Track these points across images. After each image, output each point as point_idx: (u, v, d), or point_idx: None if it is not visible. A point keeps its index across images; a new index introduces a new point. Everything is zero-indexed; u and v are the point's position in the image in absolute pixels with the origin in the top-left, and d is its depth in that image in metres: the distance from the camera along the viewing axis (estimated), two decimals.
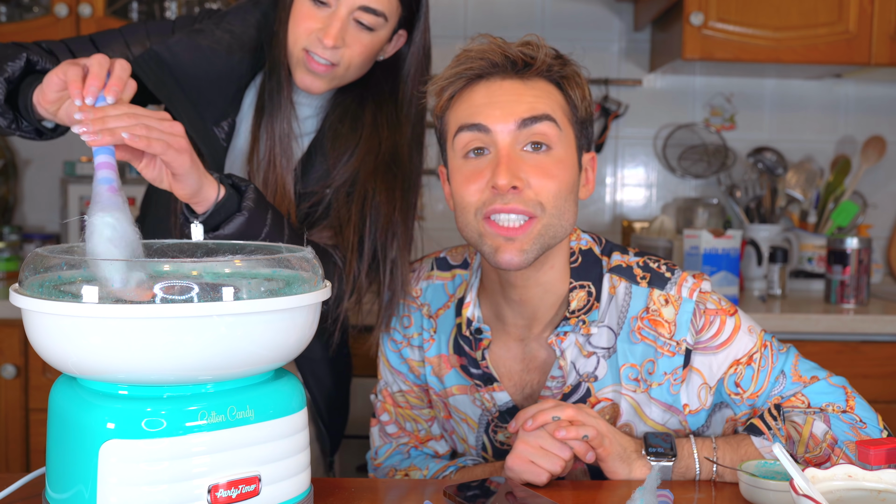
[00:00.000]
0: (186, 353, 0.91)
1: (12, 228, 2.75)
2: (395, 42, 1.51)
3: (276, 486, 0.98)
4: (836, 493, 1.02)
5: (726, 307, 1.32)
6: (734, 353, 1.30)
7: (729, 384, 1.30)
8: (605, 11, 2.91)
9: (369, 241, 1.46)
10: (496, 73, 1.28)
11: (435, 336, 1.43)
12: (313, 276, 1.01)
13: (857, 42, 2.47)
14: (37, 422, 2.33)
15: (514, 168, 1.24)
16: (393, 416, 1.48)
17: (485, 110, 1.27)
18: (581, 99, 1.31)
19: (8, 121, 1.28)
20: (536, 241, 1.26)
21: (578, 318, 1.32)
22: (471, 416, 1.41)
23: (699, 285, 1.32)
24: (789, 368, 1.30)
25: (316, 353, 1.57)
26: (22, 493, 1.11)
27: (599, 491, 1.21)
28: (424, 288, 1.46)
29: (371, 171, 1.47)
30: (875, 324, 2.29)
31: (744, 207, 2.80)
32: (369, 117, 1.50)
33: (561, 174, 1.27)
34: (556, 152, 1.27)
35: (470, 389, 1.40)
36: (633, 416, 1.32)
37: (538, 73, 1.29)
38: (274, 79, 1.46)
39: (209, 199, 1.20)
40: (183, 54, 1.43)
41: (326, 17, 1.40)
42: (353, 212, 1.46)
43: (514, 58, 1.27)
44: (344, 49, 1.42)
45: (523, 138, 1.26)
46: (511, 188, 1.23)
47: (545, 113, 1.26)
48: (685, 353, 1.30)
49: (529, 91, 1.27)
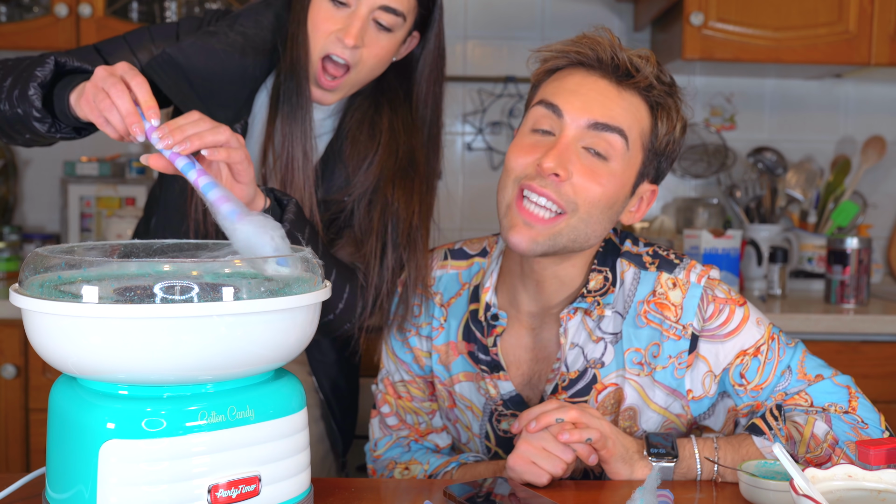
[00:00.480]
0: (186, 353, 0.91)
1: (12, 228, 2.75)
2: (409, 43, 1.51)
3: (276, 486, 0.98)
4: (836, 493, 1.02)
5: (735, 297, 1.33)
6: (742, 343, 1.30)
7: (734, 375, 1.30)
8: (605, 11, 2.91)
9: (392, 249, 1.46)
10: (598, 68, 1.29)
11: (445, 324, 1.44)
12: (313, 276, 1.01)
13: (857, 42, 2.47)
14: (37, 422, 2.33)
15: (566, 159, 1.25)
16: (394, 407, 1.48)
17: (569, 97, 1.27)
18: (666, 132, 1.30)
19: (47, 125, 1.29)
20: (554, 237, 1.27)
21: (594, 298, 1.33)
22: (476, 403, 1.42)
23: (707, 272, 1.33)
24: (796, 364, 1.31)
25: (330, 356, 1.58)
26: (22, 493, 1.11)
27: (600, 491, 1.21)
28: (438, 277, 1.47)
29: (390, 178, 1.47)
30: (875, 324, 2.29)
31: (744, 207, 2.80)
32: (386, 122, 1.50)
33: (606, 185, 1.26)
34: (613, 165, 1.27)
35: (476, 377, 1.40)
36: (638, 399, 1.33)
37: (636, 88, 1.28)
38: (292, 80, 1.45)
39: (258, 207, 1.22)
40: (196, 57, 1.42)
41: (346, 17, 1.40)
42: (375, 220, 1.46)
43: (621, 62, 1.27)
44: (363, 49, 1.41)
45: (588, 139, 1.26)
46: (553, 174, 1.24)
47: (619, 126, 1.26)
48: (691, 337, 1.31)
49: (618, 99, 1.27)
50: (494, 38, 2.90)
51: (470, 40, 2.90)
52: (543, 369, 1.37)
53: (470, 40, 2.90)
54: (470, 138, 2.93)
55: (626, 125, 1.26)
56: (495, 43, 2.89)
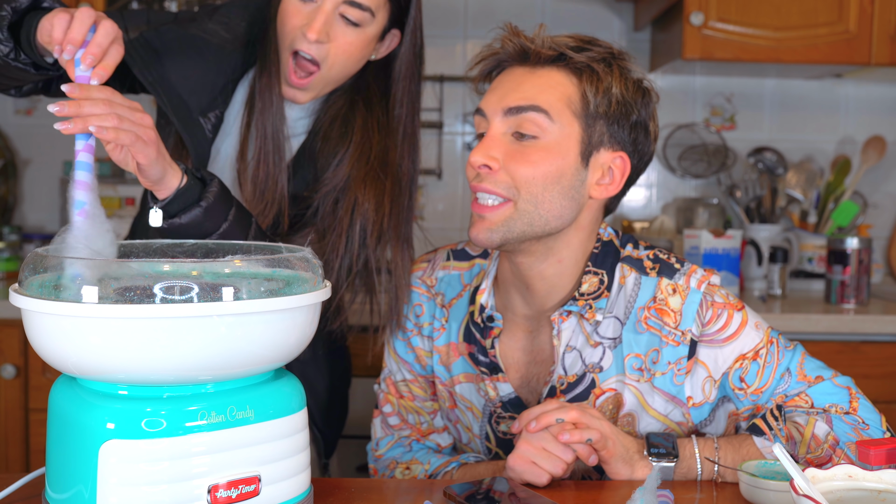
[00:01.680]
0: (186, 353, 0.91)
1: (12, 228, 2.75)
2: (389, 42, 1.50)
3: (276, 487, 0.98)
4: (837, 493, 1.02)
5: (734, 302, 1.33)
6: (740, 347, 1.30)
7: (733, 379, 1.30)
8: (605, 11, 2.91)
9: (358, 249, 1.46)
10: (510, 62, 1.34)
11: (446, 325, 1.44)
12: (313, 277, 1.01)
13: (858, 42, 2.47)
14: (37, 422, 2.33)
15: (491, 149, 1.29)
16: (396, 407, 1.49)
17: (488, 96, 1.33)
18: (596, 93, 1.29)
19: (7, 49, 1.25)
20: (506, 224, 1.28)
21: (586, 302, 1.33)
22: (476, 404, 1.42)
23: (708, 278, 1.33)
24: (795, 367, 1.31)
25: (304, 354, 1.57)
26: (22, 493, 1.11)
27: (601, 491, 1.21)
28: (440, 278, 1.47)
29: (361, 178, 1.46)
30: (875, 324, 2.29)
31: (744, 207, 2.80)
32: (360, 121, 1.50)
33: (541, 161, 1.27)
34: (543, 141, 1.28)
35: (476, 378, 1.40)
36: (637, 406, 1.33)
37: (546, 62, 1.31)
38: (265, 77, 1.46)
39: (171, 187, 1.21)
40: (173, 42, 1.43)
41: (312, 12, 1.40)
42: (342, 218, 1.46)
43: (526, 47, 1.32)
44: (329, 45, 1.41)
45: (511, 125, 1.29)
46: (483, 167, 1.28)
47: (533, 104, 1.28)
48: (690, 343, 1.31)
49: (532, 80, 1.30)
50: None
51: (470, 40, 2.90)
52: (541, 372, 1.37)
53: (470, 40, 2.90)
54: (470, 138, 2.92)
55: (543, 100, 1.28)
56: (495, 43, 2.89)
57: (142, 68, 1.41)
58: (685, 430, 1.35)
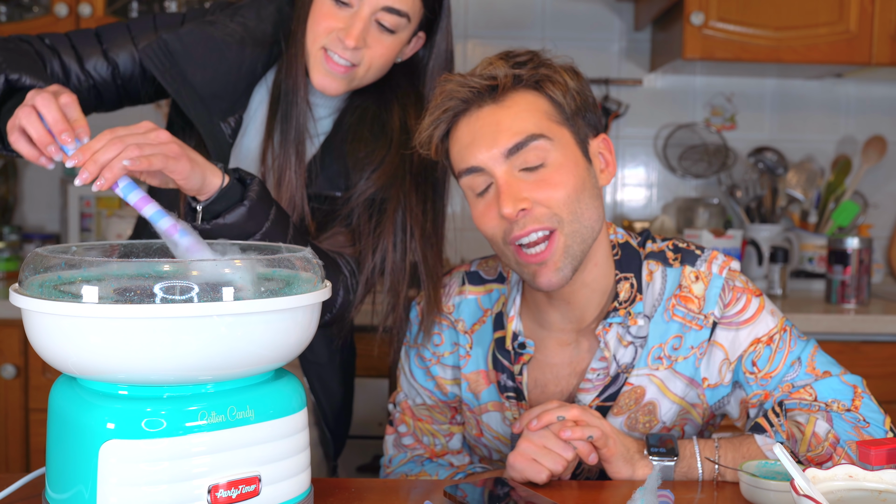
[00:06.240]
0: (186, 353, 0.91)
1: (12, 228, 2.75)
2: (414, 44, 1.49)
3: (276, 487, 0.98)
4: (837, 493, 1.02)
5: (753, 288, 1.36)
6: (756, 331, 1.32)
7: (746, 363, 1.32)
8: (606, 11, 2.91)
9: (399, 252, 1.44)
10: (471, 105, 1.29)
11: (472, 352, 1.43)
12: (313, 276, 1.01)
13: (858, 42, 2.47)
14: (37, 422, 2.33)
15: (515, 193, 1.25)
16: (411, 428, 1.47)
17: (472, 150, 1.28)
18: (564, 94, 1.29)
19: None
20: (566, 253, 1.27)
21: (626, 310, 1.34)
22: (502, 433, 1.42)
23: (729, 263, 1.36)
24: (806, 357, 1.32)
25: (322, 357, 1.56)
26: (22, 493, 1.11)
27: (601, 491, 1.21)
28: (457, 303, 1.45)
29: (405, 183, 1.44)
30: (876, 324, 2.29)
31: (744, 207, 2.80)
32: (397, 121, 1.48)
33: (564, 180, 1.27)
34: (553, 161, 1.27)
35: (502, 407, 1.40)
36: (657, 393, 1.34)
37: (509, 90, 1.28)
38: (290, 78, 1.44)
39: (213, 187, 1.20)
40: (193, 45, 1.40)
41: (348, 18, 1.38)
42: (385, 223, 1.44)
43: (479, 87, 1.27)
44: (365, 50, 1.40)
45: (515, 165, 1.26)
46: (520, 212, 1.25)
47: (529, 134, 1.26)
48: (712, 326, 1.33)
49: (508, 113, 1.27)
50: (494, 38, 2.90)
51: (470, 40, 2.90)
52: (578, 382, 1.37)
53: (470, 40, 2.90)
54: None
55: (533, 126, 1.26)
56: (495, 43, 2.89)
57: (163, 74, 1.39)
58: (700, 412, 1.36)
